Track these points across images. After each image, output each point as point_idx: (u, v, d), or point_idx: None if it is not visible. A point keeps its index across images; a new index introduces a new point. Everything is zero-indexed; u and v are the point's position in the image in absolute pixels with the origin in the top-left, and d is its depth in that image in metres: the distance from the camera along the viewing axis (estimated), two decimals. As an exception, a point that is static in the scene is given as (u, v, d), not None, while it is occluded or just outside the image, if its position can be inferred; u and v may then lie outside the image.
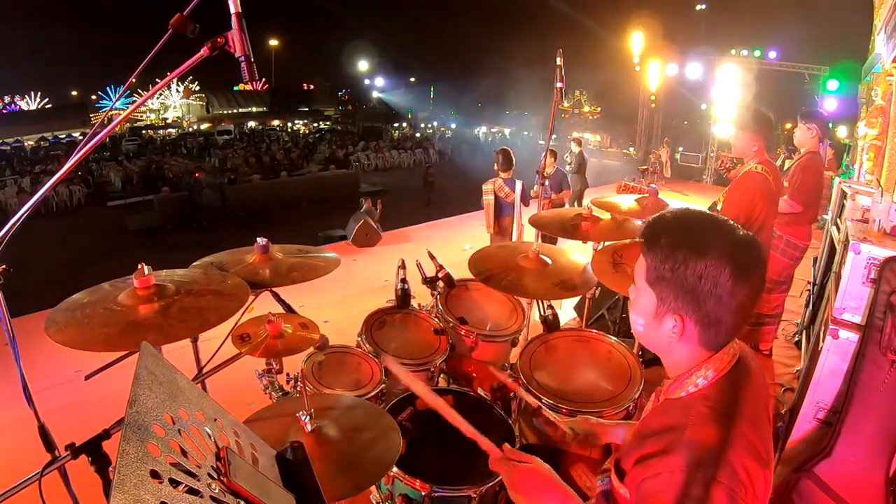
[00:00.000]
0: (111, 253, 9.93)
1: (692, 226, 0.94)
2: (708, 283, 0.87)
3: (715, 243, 0.89)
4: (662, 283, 0.92)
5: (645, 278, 0.95)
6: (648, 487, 0.86)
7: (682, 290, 0.90)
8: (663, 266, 0.91)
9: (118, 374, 1.44)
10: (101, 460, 1.30)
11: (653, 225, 0.96)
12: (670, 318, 0.93)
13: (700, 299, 0.89)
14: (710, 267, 0.87)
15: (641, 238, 0.97)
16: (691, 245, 0.89)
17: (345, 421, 1.53)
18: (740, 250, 0.89)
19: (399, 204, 13.47)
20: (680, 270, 0.89)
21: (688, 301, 0.90)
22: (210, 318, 1.52)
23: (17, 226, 1.20)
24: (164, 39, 1.19)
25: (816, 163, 3.44)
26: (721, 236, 0.90)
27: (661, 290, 0.92)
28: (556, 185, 6.30)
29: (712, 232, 0.91)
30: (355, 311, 2.62)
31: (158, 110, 38.00)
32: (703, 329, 0.92)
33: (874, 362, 1.94)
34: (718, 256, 0.87)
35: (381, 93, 44.43)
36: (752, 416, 0.90)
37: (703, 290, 0.88)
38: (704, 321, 0.91)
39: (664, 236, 0.93)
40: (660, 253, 0.92)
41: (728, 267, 0.87)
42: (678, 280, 0.89)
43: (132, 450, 0.58)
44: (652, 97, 16.68)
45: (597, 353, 2.16)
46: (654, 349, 1.01)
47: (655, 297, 0.94)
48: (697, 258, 0.88)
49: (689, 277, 0.88)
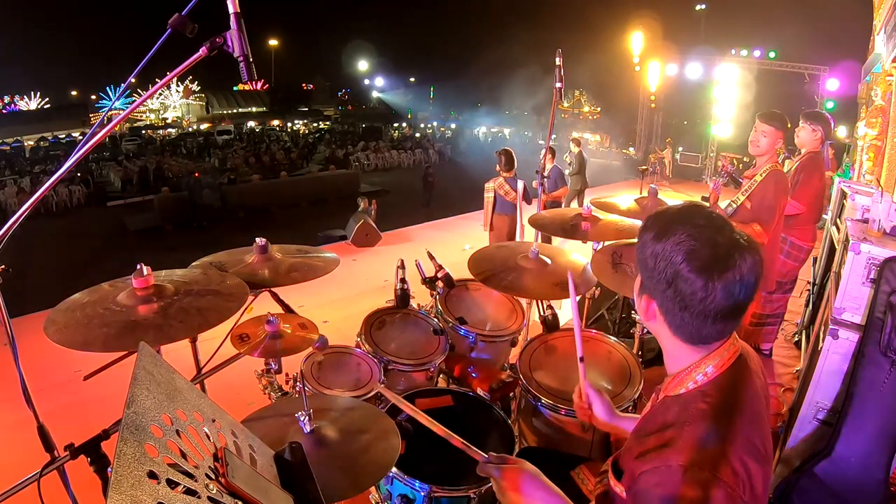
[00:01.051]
0: (111, 253, 9.92)
1: (673, 213, 0.94)
2: (661, 264, 0.89)
3: (681, 229, 0.88)
4: (639, 263, 0.97)
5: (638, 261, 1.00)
6: (645, 481, 0.86)
7: (645, 269, 0.94)
8: (639, 245, 0.96)
9: (118, 374, 1.44)
10: (99, 461, 1.30)
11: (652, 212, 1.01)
12: (642, 299, 0.98)
13: (656, 280, 0.91)
14: (666, 251, 0.89)
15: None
16: (660, 228, 0.92)
17: (344, 421, 1.52)
18: (704, 242, 0.86)
19: (399, 204, 13.48)
20: (642, 250, 0.94)
21: (651, 283, 0.94)
22: (209, 318, 1.52)
23: (16, 226, 1.19)
24: (162, 39, 1.19)
25: (818, 163, 3.43)
26: (691, 225, 0.88)
27: (640, 270, 0.97)
28: (552, 183, 6.32)
29: (685, 220, 0.90)
30: (355, 312, 2.62)
31: (158, 110, 38.02)
32: (667, 316, 0.94)
33: (874, 362, 1.94)
34: (678, 241, 0.88)
35: (381, 93, 44.45)
36: (752, 413, 0.90)
37: (657, 269, 0.90)
38: (665, 306, 0.93)
39: (650, 219, 0.97)
40: (642, 234, 0.96)
41: (681, 254, 0.87)
42: (643, 259, 0.94)
43: (129, 450, 0.58)
44: (652, 97, 16.68)
45: (597, 353, 2.16)
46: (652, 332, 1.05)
47: (640, 277, 0.99)
48: (656, 241, 0.91)
49: (648, 258, 0.92)
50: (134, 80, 1.40)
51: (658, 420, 0.95)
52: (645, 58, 15.53)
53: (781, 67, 13.46)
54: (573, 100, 29.68)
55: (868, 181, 3.73)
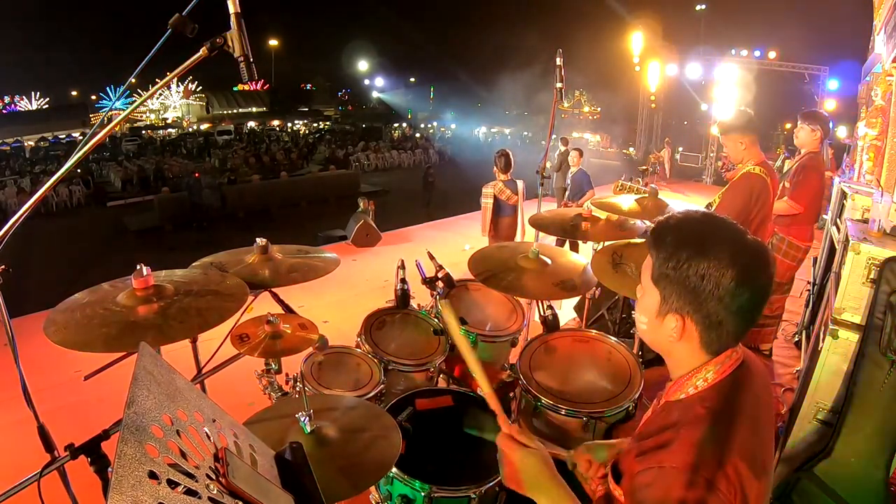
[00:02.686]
0: (111, 253, 9.93)
1: (700, 227, 0.93)
2: (710, 284, 0.87)
3: (720, 245, 0.89)
4: (666, 281, 0.92)
5: (650, 276, 0.95)
6: (640, 480, 0.86)
7: (685, 289, 0.90)
8: (667, 264, 0.91)
9: (117, 374, 1.44)
10: (100, 461, 1.30)
11: (661, 224, 0.97)
12: (672, 318, 0.93)
13: (701, 300, 0.88)
14: (712, 268, 0.87)
15: (649, 236, 0.98)
16: (696, 245, 0.89)
17: (344, 421, 1.52)
18: (746, 254, 0.89)
19: (399, 204, 13.49)
20: (683, 269, 0.89)
21: (689, 301, 0.90)
22: (209, 318, 1.52)
23: (16, 226, 1.19)
24: (163, 39, 1.19)
25: (817, 163, 3.43)
26: (727, 239, 0.90)
27: (665, 288, 0.92)
28: (577, 188, 6.17)
29: (719, 234, 0.91)
30: (355, 312, 2.62)
31: (158, 110, 38.02)
32: (703, 330, 0.91)
33: (874, 362, 1.94)
34: (722, 258, 0.87)
35: (381, 93, 44.44)
36: (751, 420, 0.89)
37: (705, 290, 0.88)
38: (705, 322, 0.90)
39: (671, 235, 0.93)
40: (664, 251, 0.92)
41: (731, 269, 0.86)
42: (681, 279, 0.89)
43: (130, 451, 0.58)
44: (652, 97, 16.70)
45: (597, 354, 2.16)
46: (657, 348, 1.01)
47: (659, 295, 0.94)
48: (701, 258, 0.88)
49: (692, 277, 0.88)
50: (134, 81, 1.40)
51: (658, 424, 0.95)
52: (645, 58, 15.53)
53: (781, 67, 13.48)
54: (573, 100, 29.70)
55: (868, 181, 3.73)
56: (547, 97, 2.75)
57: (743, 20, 19.83)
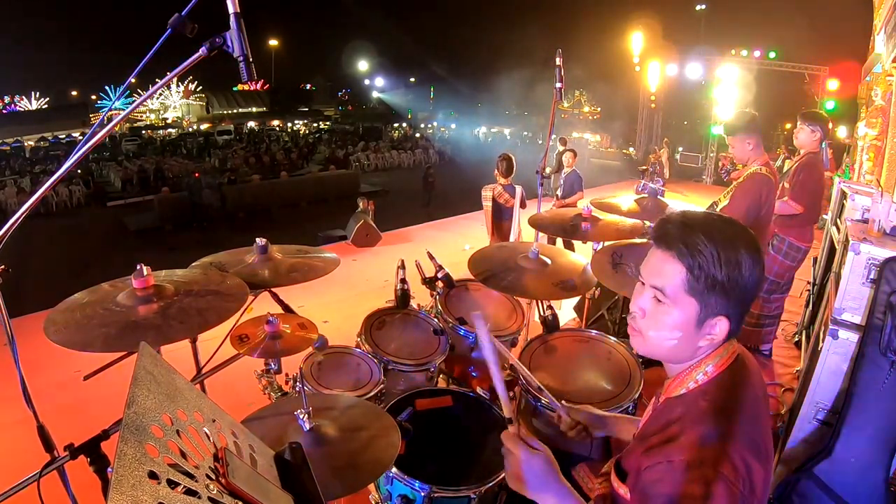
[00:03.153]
0: (111, 253, 9.93)
1: (722, 228, 0.92)
2: (751, 278, 0.90)
3: (748, 240, 0.91)
4: (712, 287, 0.89)
5: (684, 290, 0.90)
6: (648, 477, 0.86)
7: (737, 289, 0.89)
8: (715, 270, 0.88)
9: (117, 374, 1.44)
10: (99, 461, 1.30)
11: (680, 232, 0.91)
12: (712, 322, 0.92)
13: (745, 295, 0.91)
14: (748, 261, 0.89)
15: (676, 246, 0.91)
16: (733, 244, 0.90)
17: (344, 421, 1.52)
18: (756, 242, 0.93)
19: (399, 204, 13.48)
20: (735, 272, 0.89)
21: (737, 300, 0.91)
22: (209, 318, 1.52)
23: (16, 226, 1.19)
24: (163, 39, 1.19)
25: (817, 163, 3.43)
26: (746, 233, 0.93)
27: (710, 295, 0.89)
28: (569, 187, 6.21)
29: (739, 231, 0.93)
30: (355, 312, 2.62)
31: (158, 110, 38.04)
32: (737, 320, 0.93)
33: (874, 362, 1.94)
34: (751, 251, 0.90)
35: (381, 93, 44.45)
36: (752, 412, 0.91)
37: (748, 284, 0.90)
38: (742, 313, 0.93)
39: (704, 241, 0.88)
40: (710, 259, 0.88)
41: (756, 255, 0.90)
42: (733, 281, 0.89)
43: (130, 451, 0.58)
44: (652, 97, 16.70)
45: (597, 354, 2.16)
46: (678, 358, 0.98)
47: (698, 304, 0.90)
48: (745, 257, 0.89)
49: (745, 275, 0.89)
50: (134, 81, 1.39)
51: (661, 420, 0.95)
52: (645, 58, 15.55)
53: (781, 67, 13.48)
54: (573, 100, 29.70)
55: (868, 181, 3.73)
56: (546, 97, 2.75)
57: (743, 20, 19.84)
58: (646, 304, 0.96)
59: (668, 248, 0.92)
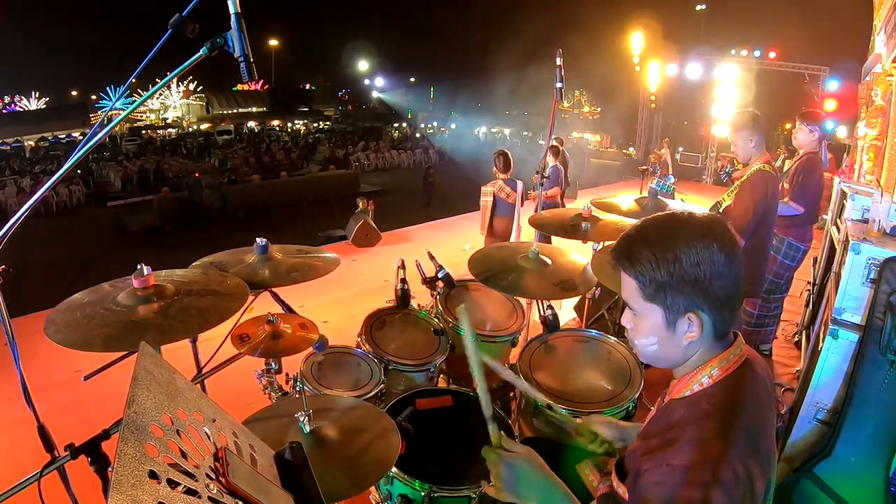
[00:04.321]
0: (111, 253, 9.93)
1: (661, 228, 0.94)
2: (707, 267, 0.89)
3: (689, 230, 0.91)
4: (664, 290, 0.91)
5: (642, 298, 0.94)
6: (646, 480, 0.85)
7: (687, 284, 0.90)
8: (658, 273, 0.90)
9: (118, 374, 1.44)
10: (100, 461, 1.30)
11: (625, 245, 0.96)
12: (684, 321, 0.93)
13: (706, 285, 0.89)
14: (699, 251, 0.88)
15: (619, 262, 0.97)
16: (672, 241, 0.90)
17: (344, 421, 1.52)
18: (712, 227, 0.91)
19: (399, 204, 13.48)
20: (677, 268, 0.89)
21: (696, 293, 0.90)
22: (209, 318, 1.52)
23: (16, 226, 1.19)
24: (163, 39, 1.19)
25: (816, 163, 3.44)
26: (689, 224, 0.92)
27: (665, 297, 0.92)
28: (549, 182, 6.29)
29: (680, 224, 0.93)
30: (355, 312, 2.62)
31: (158, 110, 38.05)
32: (715, 315, 0.92)
33: (874, 362, 1.94)
34: (700, 239, 0.89)
35: (381, 93, 44.44)
36: (756, 417, 0.90)
37: (706, 275, 0.89)
38: (716, 305, 0.91)
39: (643, 248, 0.92)
40: (648, 264, 0.91)
41: (714, 243, 0.89)
42: (679, 278, 0.90)
43: (130, 450, 0.58)
44: (652, 97, 16.68)
45: (597, 354, 2.16)
46: (671, 362, 0.99)
47: (661, 308, 0.93)
48: (685, 248, 0.89)
49: (689, 269, 0.89)
50: (134, 81, 1.39)
51: (663, 422, 0.95)
52: (645, 58, 15.54)
53: (781, 67, 13.47)
54: (573, 100, 29.70)
55: (868, 181, 3.73)
56: (547, 97, 2.77)
57: (743, 20, 19.85)
58: (626, 319, 1.03)
59: (618, 263, 0.98)
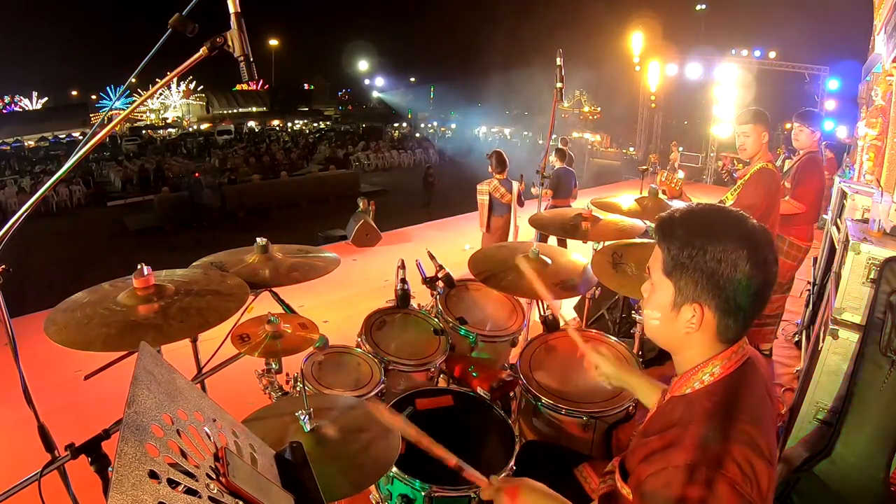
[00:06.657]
0: (111, 253, 9.93)
1: (706, 215, 0.95)
2: (728, 268, 0.88)
3: (730, 228, 0.91)
4: (681, 270, 0.92)
5: (662, 270, 0.95)
6: (651, 483, 0.85)
7: (703, 275, 0.90)
8: (681, 253, 0.91)
9: (118, 374, 1.44)
10: (100, 460, 1.30)
11: (667, 217, 0.97)
12: (689, 308, 0.93)
13: (720, 284, 0.89)
14: (728, 251, 0.88)
15: (656, 231, 0.98)
16: (708, 231, 0.91)
17: (344, 421, 1.52)
18: (754, 236, 0.91)
19: (399, 204, 13.48)
20: (699, 256, 0.90)
21: (708, 287, 0.90)
22: (209, 318, 1.52)
23: (16, 226, 1.19)
24: (163, 39, 1.19)
25: (817, 162, 3.44)
26: (734, 223, 0.92)
27: (680, 278, 0.93)
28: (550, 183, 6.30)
29: (725, 220, 0.93)
30: (355, 311, 2.62)
31: (158, 110, 38.06)
32: (722, 317, 0.92)
33: (874, 362, 1.94)
34: (735, 240, 0.89)
35: (381, 93, 44.45)
36: (757, 415, 0.90)
37: (724, 274, 0.89)
38: (724, 308, 0.91)
39: (679, 226, 0.94)
40: (677, 241, 0.92)
41: (745, 250, 0.88)
42: (697, 266, 0.90)
43: (130, 450, 0.58)
44: (652, 97, 16.68)
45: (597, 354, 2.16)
46: (668, 345, 1.01)
47: (673, 287, 0.94)
48: (715, 243, 0.89)
49: (709, 262, 0.89)
50: (134, 81, 1.39)
51: (663, 420, 0.95)
52: (645, 58, 15.53)
53: (781, 67, 13.47)
54: (573, 100, 29.67)
55: (868, 181, 3.73)
56: (547, 97, 2.76)
57: (743, 20, 19.85)
58: (645, 286, 1.04)
59: (655, 232, 0.99)
